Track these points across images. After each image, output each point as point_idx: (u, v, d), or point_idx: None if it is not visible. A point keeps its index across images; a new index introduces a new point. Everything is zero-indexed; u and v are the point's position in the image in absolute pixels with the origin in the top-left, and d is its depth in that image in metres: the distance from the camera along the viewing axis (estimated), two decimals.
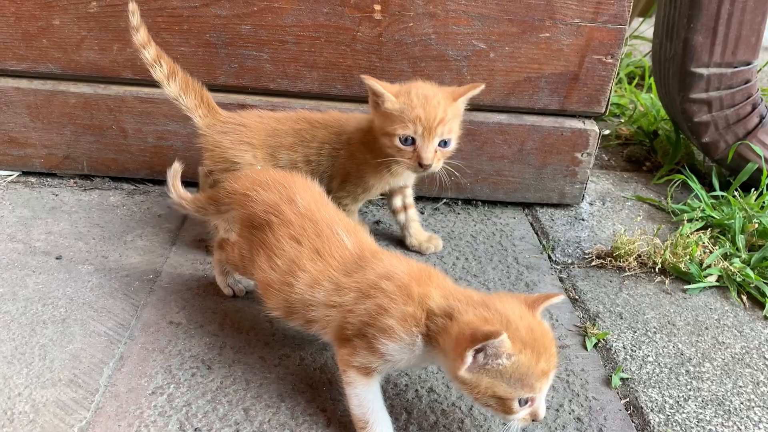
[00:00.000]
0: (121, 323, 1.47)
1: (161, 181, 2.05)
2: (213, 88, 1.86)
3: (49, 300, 1.52)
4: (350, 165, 1.67)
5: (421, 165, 1.55)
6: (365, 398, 1.18)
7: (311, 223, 1.29)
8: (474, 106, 1.97)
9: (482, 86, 1.58)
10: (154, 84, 1.84)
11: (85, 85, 1.93)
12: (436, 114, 1.51)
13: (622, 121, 2.90)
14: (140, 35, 1.58)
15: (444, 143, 1.57)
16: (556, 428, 1.29)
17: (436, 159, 1.56)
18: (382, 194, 1.82)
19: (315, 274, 1.23)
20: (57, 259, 1.66)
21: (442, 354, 1.11)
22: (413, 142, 1.54)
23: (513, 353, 1.05)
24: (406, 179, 1.75)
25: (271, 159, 1.65)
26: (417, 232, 1.85)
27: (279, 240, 1.29)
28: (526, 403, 1.09)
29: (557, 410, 1.33)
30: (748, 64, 2.10)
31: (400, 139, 1.54)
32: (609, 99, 1.99)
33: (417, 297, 1.14)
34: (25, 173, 2.05)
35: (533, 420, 1.12)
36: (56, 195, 1.96)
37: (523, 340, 1.06)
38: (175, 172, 1.51)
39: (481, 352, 1.04)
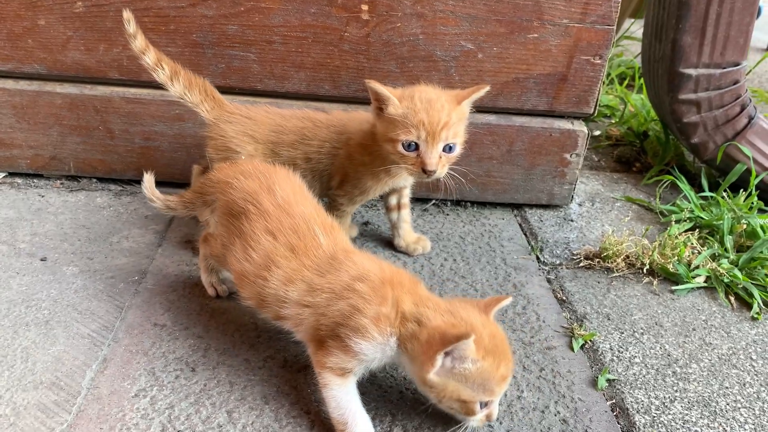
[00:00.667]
0: (105, 325, 1.45)
1: None
2: None
3: (32, 302, 1.50)
4: (348, 165, 1.66)
5: (425, 171, 1.52)
6: (342, 399, 1.18)
7: (288, 218, 1.29)
8: None
9: (487, 87, 1.56)
10: (140, 84, 1.84)
11: (71, 86, 1.92)
12: (439, 118, 1.48)
13: (613, 122, 2.90)
14: (138, 42, 1.58)
15: (449, 148, 1.54)
16: (541, 430, 1.28)
17: (440, 165, 1.53)
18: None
19: (289, 273, 1.23)
20: (42, 260, 1.65)
21: (410, 359, 1.14)
22: (416, 147, 1.51)
23: (477, 359, 1.10)
24: (405, 181, 1.74)
25: (272, 155, 1.65)
26: (406, 233, 1.84)
27: (255, 232, 1.28)
28: (485, 405, 1.15)
29: (543, 412, 1.33)
30: (737, 64, 2.10)
31: (403, 144, 1.51)
32: (597, 100, 1.99)
33: (390, 299, 1.16)
34: (11, 174, 2.04)
35: (487, 420, 1.18)
36: (42, 196, 1.95)
37: (486, 347, 1.11)
38: (148, 183, 1.51)
39: (449, 356, 1.08)
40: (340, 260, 1.24)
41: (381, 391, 1.34)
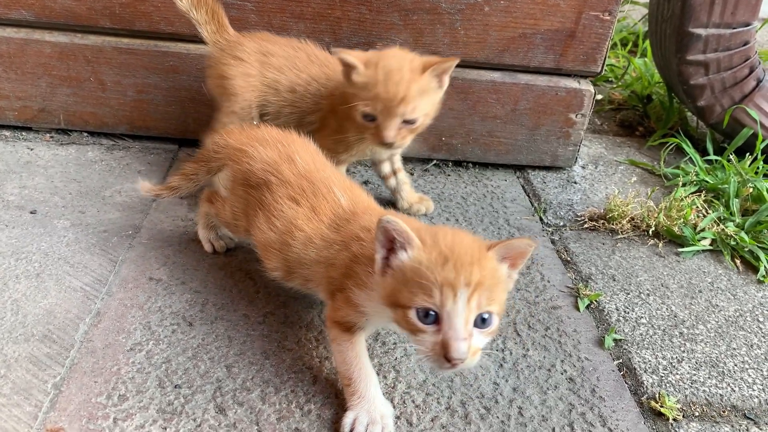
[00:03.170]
0: (99, 279, 1.41)
1: (142, 137, 1.99)
2: (196, 40, 1.79)
3: (22, 254, 1.45)
4: (332, 119, 1.61)
5: (382, 143, 1.47)
6: (348, 355, 1.15)
7: (309, 184, 1.25)
8: (467, 64, 1.92)
9: (457, 60, 1.46)
10: (133, 34, 1.77)
11: (60, 34, 1.84)
12: (396, 92, 1.41)
13: (615, 86, 2.85)
14: None
15: (410, 121, 1.47)
16: (548, 388, 1.26)
17: (399, 137, 1.47)
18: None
19: (309, 233, 1.20)
20: (31, 213, 1.59)
21: None
22: (375, 119, 1.46)
23: (414, 251, 1.00)
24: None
25: (259, 75, 1.61)
26: (408, 194, 1.79)
27: (278, 201, 1.25)
28: (429, 319, 0.97)
29: (549, 370, 1.30)
30: (748, 25, 2.05)
31: (362, 115, 1.47)
32: (605, 58, 1.94)
33: None
34: None
35: (446, 358, 0.96)
36: (31, 149, 1.88)
37: (434, 245, 1.00)
38: (143, 188, 1.48)
39: (392, 254, 1.02)
40: (357, 214, 1.21)
41: (385, 348, 1.30)
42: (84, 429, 1.07)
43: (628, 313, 1.50)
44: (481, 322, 1.00)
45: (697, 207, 1.85)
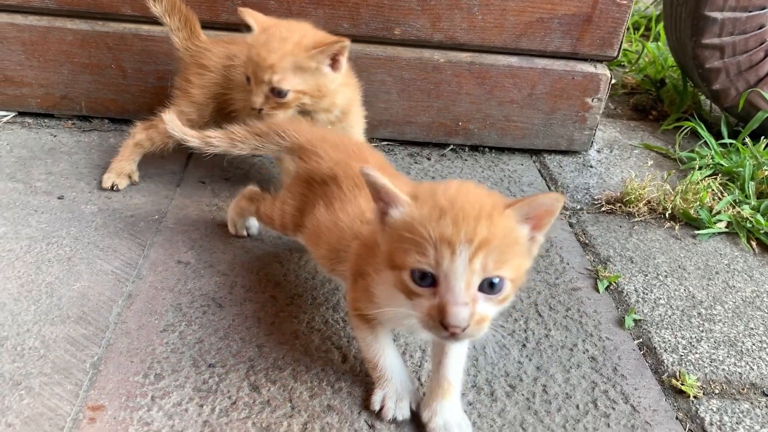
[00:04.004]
0: (129, 262, 1.44)
1: None
2: (215, 26, 1.82)
3: (53, 239, 1.48)
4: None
5: (251, 107, 1.47)
6: (372, 347, 1.13)
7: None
8: (485, 49, 1.93)
9: (346, 42, 1.43)
10: (155, 22, 1.78)
11: (82, 22, 1.86)
12: (266, 59, 1.41)
13: (628, 70, 2.86)
14: None
15: (278, 92, 1.45)
16: (570, 367, 1.29)
17: (268, 106, 1.46)
18: None
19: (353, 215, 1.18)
20: (59, 198, 1.62)
21: None
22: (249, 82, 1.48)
23: (404, 206, 0.90)
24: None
25: (221, 82, 1.64)
26: None
27: (344, 191, 1.21)
28: (426, 281, 0.87)
29: (571, 350, 1.33)
30: (763, 8, 2.05)
31: (244, 77, 1.50)
32: (622, 42, 1.95)
33: None
34: (21, 114, 1.99)
35: (443, 325, 0.86)
36: (54, 136, 1.91)
37: (429, 199, 0.89)
38: (171, 121, 1.40)
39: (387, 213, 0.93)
40: None
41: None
42: (123, 407, 1.10)
43: (647, 294, 1.52)
44: (489, 287, 0.87)
45: (713, 190, 1.87)
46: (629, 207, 1.83)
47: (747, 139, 2.11)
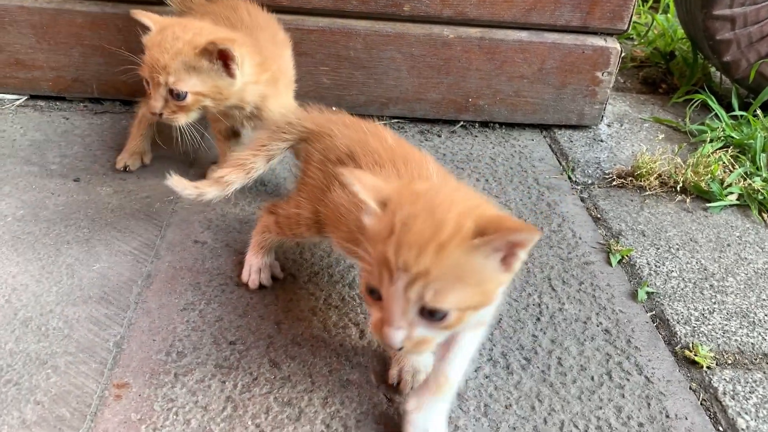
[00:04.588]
0: (146, 243, 1.46)
1: None
2: None
3: (71, 221, 1.50)
4: None
5: (150, 112, 1.42)
6: None
7: (401, 151, 1.14)
8: (494, 24, 1.92)
9: (227, 45, 1.31)
10: (164, 2, 1.77)
11: (92, 4, 1.86)
12: (159, 60, 1.35)
13: (637, 43, 2.84)
14: None
15: (177, 95, 1.38)
16: (585, 339, 1.30)
17: (168, 110, 1.40)
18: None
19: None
20: (75, 181, 1.64)
21: None
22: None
23: (371, 214, 0.87)
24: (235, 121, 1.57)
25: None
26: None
27: (362, 167, 1.13)
28: (375, 296, 0.86)
29: (585, 323, 1.35)
30: None
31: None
32: (632, 15, 1.93)
33: None
34: (33, 97, 2.00)
35: (381, 334, 0.85)
36: (67, 119, 1.92)
37: (394, 212, 0.84)
38: (177, 182, 1.29)
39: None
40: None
41: None
42: (148, 384, 1.13)
43: (659, 267, 1.53)
44: (430, 314, 0.82)
45: (724, 163, 1.87)
46: (640, 181, 1.83)
47: (758, 111, 2.10)
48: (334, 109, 1.49)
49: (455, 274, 0.81)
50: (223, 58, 1.35)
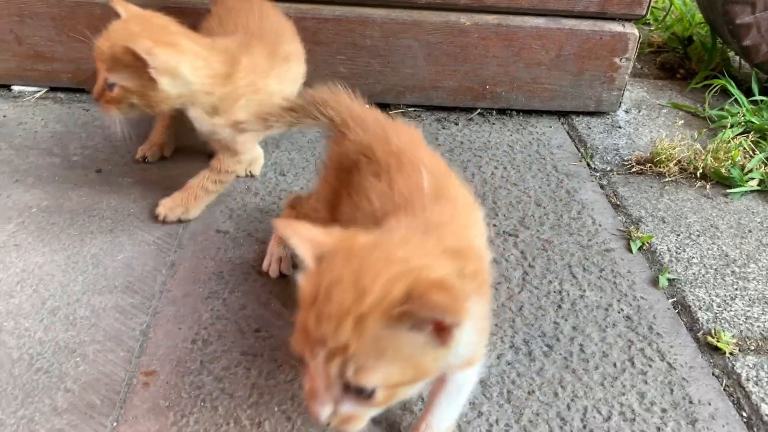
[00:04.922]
0: (169, 232, 1.47)
1: None
2: None
3: (94, 212, 1.52)
4: None
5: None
6: None
7: (397, 162, 1.06)
8: (512, 10, 1.91)
9: (136, 47, 1.28)
10: None
11: None
12: (99, 48, 1.34)
13: (654, 28, 2.81)
14: None
15: (109, 85, 1.35)
16: (606, 326, 1.31)
17: (102, 99, 1.37)
18: None
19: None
20: (97, 172, 1.66)
21: None
22: None
23: (304, 272, 0.80)
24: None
25: None
26: None
27: (363, 179, 1.07)
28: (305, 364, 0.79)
29: (606, 309, 1.35)
30: None
31: None
32: (651, 0, 1.92)
33: None
34: (53, 89, 2.01)
35: (308, 411, 0.79)
36: (87, 110, 1.93)
37: (324, 272, 0.76)
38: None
39: None
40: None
41: None
42: (175, 372, 1.14)
43: (680, 253, 1.53)
44: (357, 391, 0.74)
45: (744, 148, 1.86)
46: (659, 167, 1.83)
47: None
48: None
49: (377, 349, 0.72)
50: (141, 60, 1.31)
